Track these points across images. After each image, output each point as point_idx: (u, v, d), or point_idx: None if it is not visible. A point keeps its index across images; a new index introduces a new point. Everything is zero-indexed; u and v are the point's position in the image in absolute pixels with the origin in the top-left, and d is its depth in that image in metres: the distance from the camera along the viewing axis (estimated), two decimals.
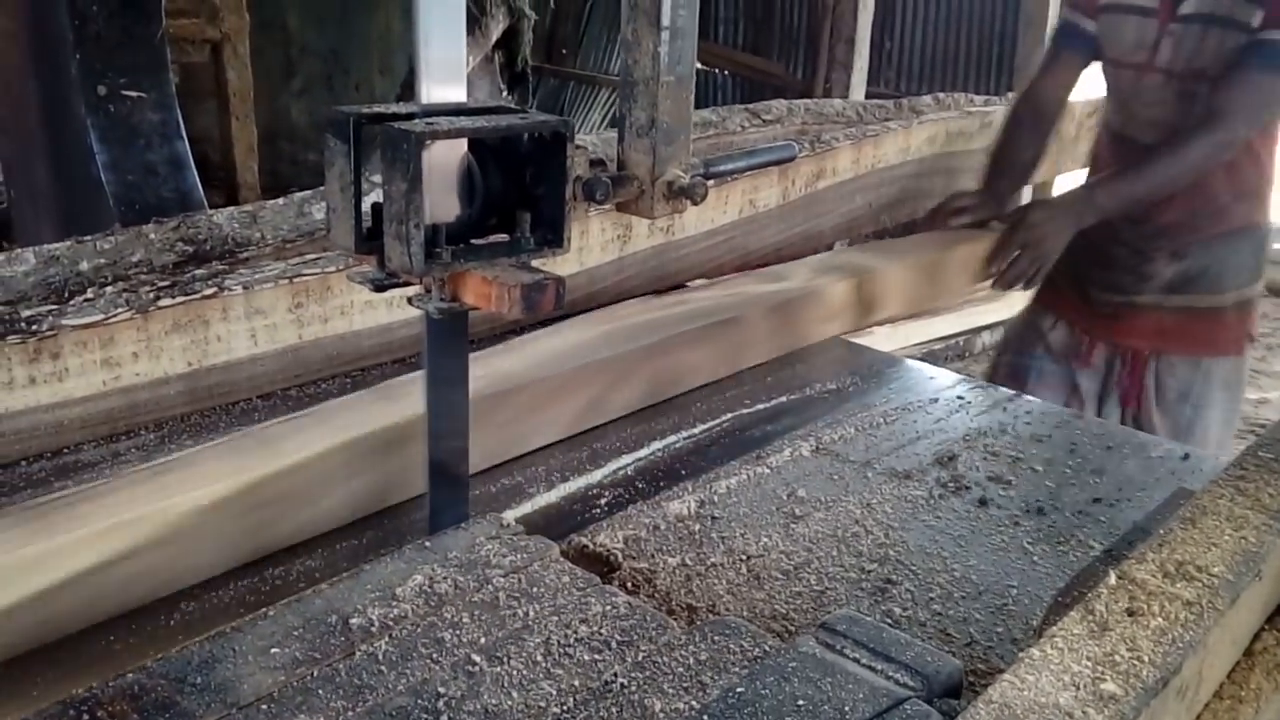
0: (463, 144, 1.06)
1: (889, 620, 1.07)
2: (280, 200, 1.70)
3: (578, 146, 1.09)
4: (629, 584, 1.13)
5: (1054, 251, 2.06)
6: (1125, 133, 2.24)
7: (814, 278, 1.91)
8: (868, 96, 4.50)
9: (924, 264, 2.11)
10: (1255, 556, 0.98)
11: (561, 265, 1.10)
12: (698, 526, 1.24)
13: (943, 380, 1.69)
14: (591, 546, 1.19)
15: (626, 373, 1.54)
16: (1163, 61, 2.11)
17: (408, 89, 5.88)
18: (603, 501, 1.29)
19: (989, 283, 2.09)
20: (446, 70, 1.07)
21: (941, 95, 2.87)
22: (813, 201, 2.26)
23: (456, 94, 1.07)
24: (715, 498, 1.29)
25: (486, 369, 1.42)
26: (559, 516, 1.27)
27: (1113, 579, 0.94)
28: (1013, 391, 1.63)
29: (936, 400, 1.59)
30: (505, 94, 5.15)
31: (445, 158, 1.04)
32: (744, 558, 1.18)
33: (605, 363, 1.51)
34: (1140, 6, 2.14)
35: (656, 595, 1.11)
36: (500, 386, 1.39)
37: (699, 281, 2.00)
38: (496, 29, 5.00)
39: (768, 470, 1.35)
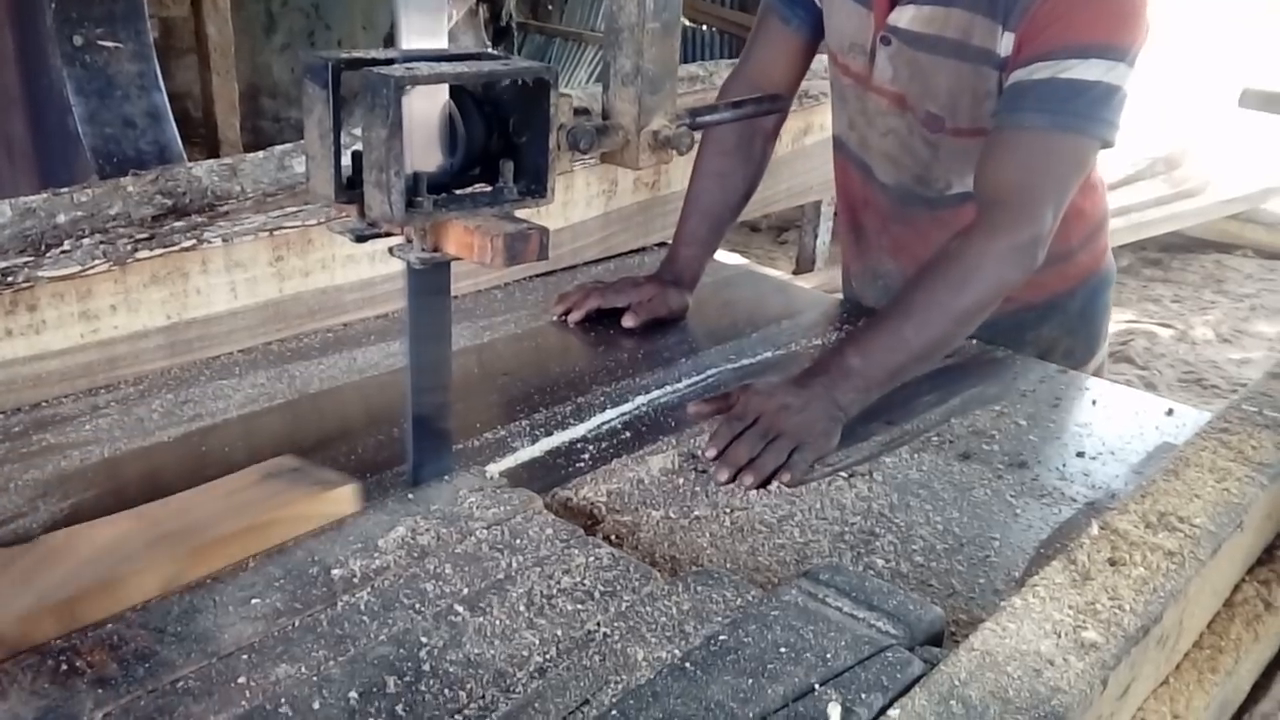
0: (444, 91, 1.04)
1: (871, 572, 1.07)
2: (260, 154, 1.68)
3: (562, 94, 1.08)
4: (612, 537, 1.13)
5: (810, 431, 1.26)
6: (862, 158, 1.65)
7: None
8: None
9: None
10: (1237, 508, 0.99)
11: (546, 219, 1.08)
12: (681, 480, 1.23)
13: None
14: (575, 500, 1.19)
15: None
16: (881, 79, 1.52)
17: (390, 44, 5.82)
18: (586, 456, 1.29)
19: (721, 478, 1.23)
20: (427, 18, 1.05)
21: None
22: (799, 157, 2.24)
23: (437, 42, 1.05)
24: (699, 452, 1.28)
25: None
26: (543, 470, 1.26)
27: (1095, 529, 0.94)
28: (1003, 351, 1.61)
29: None
30: (489, 48, 5.08)
31: (426, 105, 1.02)
32: (727, 510, 1.18)
33: None
34: None
35: (640, 548, 1.11)
36: None
37: None
38: None
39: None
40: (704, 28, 7.29)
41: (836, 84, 1.66)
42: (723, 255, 2.07)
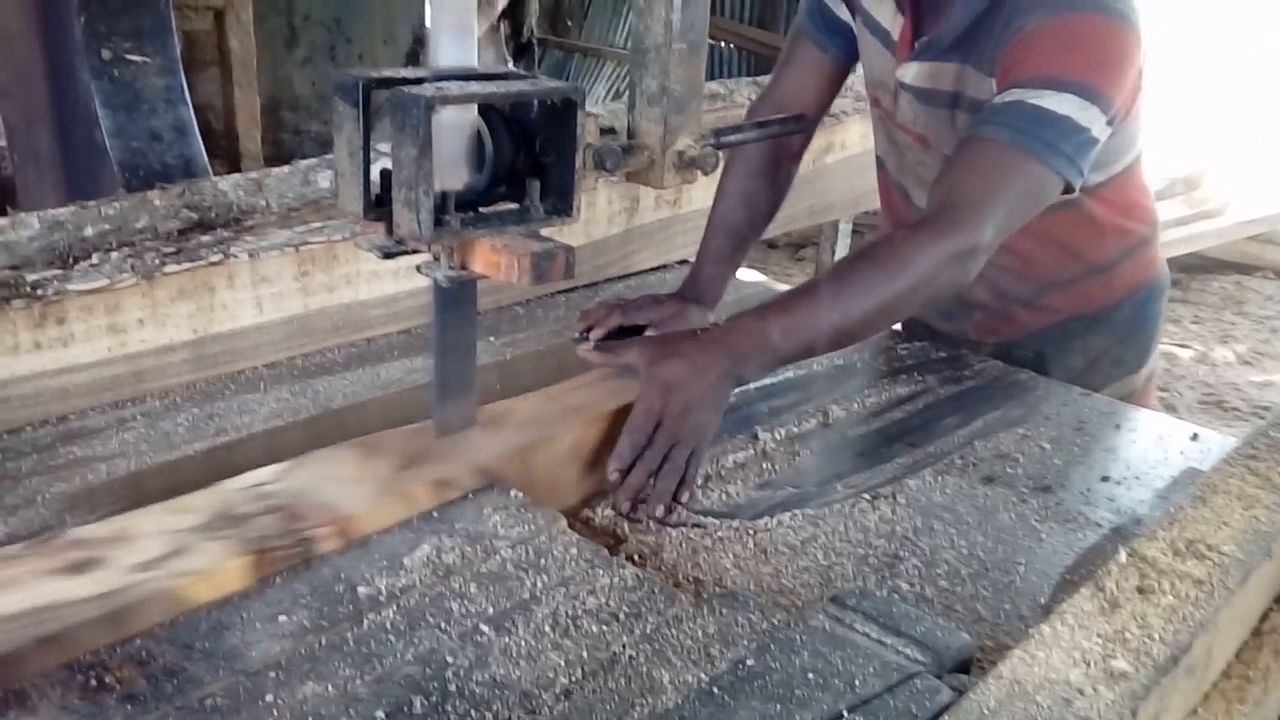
0: (473, 110, 1.04)
1: (896, 596, 1.07)
2: (285, 168, 1.69)
3: (589, 114, 1.08)
4: (635, 557, 1.12)
5: (706, 432, 1.21)
6: (900, 181, 1.68)
7: (172, 552, 0.95)
8: None
9: (452, 485, 1.11)
10: (1266, 536, 0.98)
11: (568, 237, 1.09)
12: (704, 500, 1.23)
13: (947, 356, 1.67)
14: (597, 519, 1.19)
15: None
16: (904, 119, 1.55)
17: (411, 59, 5.86)
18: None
19: (618, 504, 1.19)
20: (457, 35, 1.05)
21: None
22: (821, 175, 2.24)
23: (467, 59, 1.06)
24: (722, 472, 1.28)
25: None
26: None
27: (1123, 556, 0.93)
28: (1022, 370, 1.61)
29: (938, 377, 1.58)
30: (510, 65, 5.11)
31: (455, 123, 1.03)
32: (750, 532, 1.18)
33: None
34: (883, 30, 1.53)
35: (663, 568, 1.11)
36: None
37: None
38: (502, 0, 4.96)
39: (773, 443, 1.35)
40: (724, 45, 7.31)
41: (872, 111, 1.68)
42: (740, 272, 2.07)
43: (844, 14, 1.60)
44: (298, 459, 1.12)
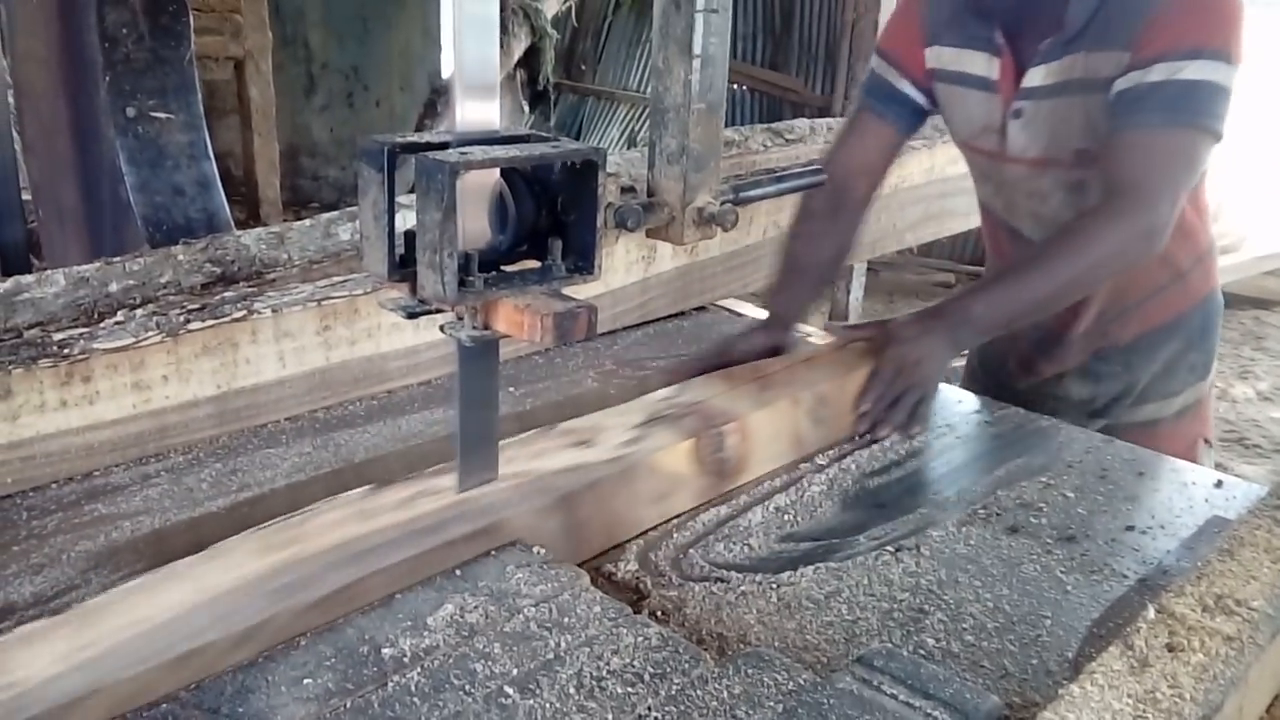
0: (495, 172, 1.06)
1: (921, 651, 1.06)
2: (307, 221, 1.71)
3: (610, 174, 1.09)
4: (658, 613, 1.12)
5: (933, 381, 1.54)
6: (1008, 221, 1.78)
7: (637, 437, 1.31)
8: None
9: (801, 402, 1.46)
10: None
11: (586, 285, 1.10)
12: (723, 547, 1.23)
13: (969, 404, 1.68)
14: (619, 574, 1.19)
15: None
16: (1017, 149, 1.66)
17: (429, 107, 5.94)
18: None
19: (861, 429, 1.49)
20: (480, 97, 1.07)
21: None
22: None
23: (490, 117, 1.07)
24: (742, 526, 1.28)
25: None
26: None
27: (1151, 613, 0.93)
28: (1047, 420, 1.61)
29: (959, 425, 1.58)
30: (526, 111, 5.18)
31: (478, 186, 1.04)
32: (773, 586, 1.17)
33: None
34: (979, 77, 1.66)
35: (686, 624, 1.11)
36: None
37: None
38: (519, 48, 5.03)
39: (795, 496, 1.35)
40: (736, 87, 7.37)
41: (973, 163, 1.81)
42: (754, 311, 2.08)
43: (905, 88, 1.76)
44: (678, 385, 1.48)
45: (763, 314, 2.01)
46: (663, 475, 1.29)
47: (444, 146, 1.01)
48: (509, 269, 1.09)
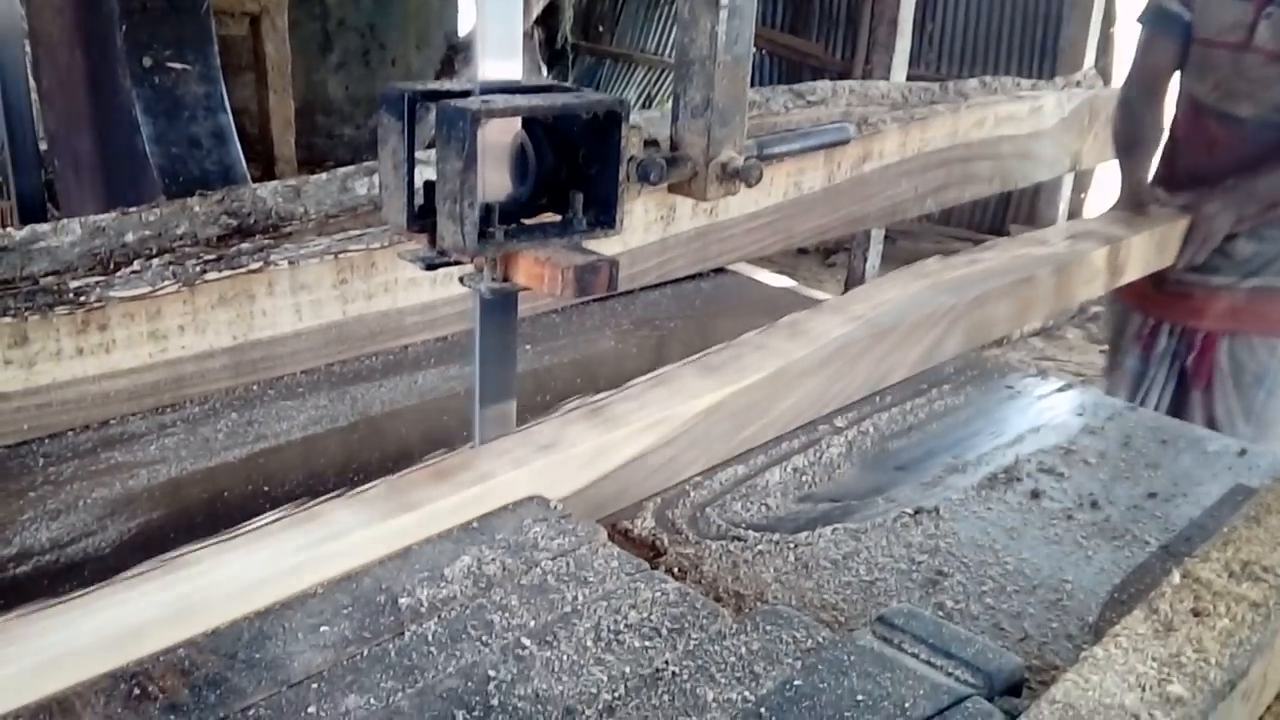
0: (517, 122, 1.04)
1: (940, 612, 1.05)
2: (323, 175, 1.70)
3: (632, 126, 1.07)
4: (675, 569, 1.11)
5: (1220, 235, 2.21)
6: (1220, 108, 2.27)
7: (1074, 243, 2.01)
8: (909, 79, 4.44)
9: (1156, 235, 2.21)
10: None
11: (604, 245, 1.08)
12: (739, 505, 1.22)
13: (990, 370, 1.66)
14: (636, 530, 1.18)
15: (953, 322, 1.64)
16: (1261, 41, 2.18)
17: (446, 65, 5.89)
18: None
19: (1179, 262, 2.23)
20: (502, 48, 1.05)
21: (988, 79, 2.83)
22: (858, 185, 2.23)
23: (513, 70, 1.05)
24: (760, 485, 1.27)
25: (843, 314, 1.54)
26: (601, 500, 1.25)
27: (1177, 578, 0.92)
28: (1063, 383, 1.60)
29: (985, 387, 1.56)
30: (544, 71, 5.13)
31: (500, 136, 1.03)
32: (790, 545, 1.16)
33: (939, 312, 1.61)
34: None
35: (703, 581, 1.10)
36: (868, 331, 1.50)
37: (991, 252, 1.98)
38: (537, 6, 4.97)
39: (814, 458, 1.34)
40: (756, 51, 7.28)
41: (1205, 58, 2.28)
42: (768, 278, 2.07)
43: (1176, 8, 2.30)
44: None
45: (781, 280, 2.04)
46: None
47: (466, 95, 1.00)
48: (529, 222, 1.07)
